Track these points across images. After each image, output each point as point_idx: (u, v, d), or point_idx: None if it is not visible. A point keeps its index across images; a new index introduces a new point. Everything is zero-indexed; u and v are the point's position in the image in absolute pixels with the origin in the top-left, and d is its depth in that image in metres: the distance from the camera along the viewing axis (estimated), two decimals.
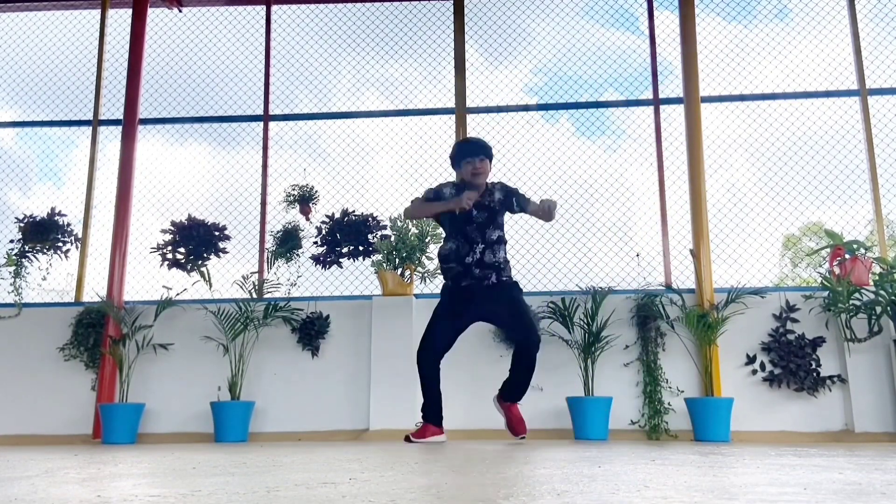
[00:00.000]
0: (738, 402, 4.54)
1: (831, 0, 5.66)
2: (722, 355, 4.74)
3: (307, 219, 5.40)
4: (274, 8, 6.06)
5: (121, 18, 6.08)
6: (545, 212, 3.78)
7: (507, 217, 4.07)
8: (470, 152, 3.97)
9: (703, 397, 4.64)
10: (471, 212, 3.88)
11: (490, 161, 4.00)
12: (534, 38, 5.95)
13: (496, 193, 3.99)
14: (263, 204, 5.63)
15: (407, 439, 3.88)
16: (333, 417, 4.91)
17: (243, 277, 5.13)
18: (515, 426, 3.95)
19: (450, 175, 5.53)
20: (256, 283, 5.22)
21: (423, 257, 5.03)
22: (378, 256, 5.09)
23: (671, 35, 5.65)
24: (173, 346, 5.04)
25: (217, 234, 5.19)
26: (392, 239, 5.05)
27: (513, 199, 3.98)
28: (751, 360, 4.77)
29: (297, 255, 5.31)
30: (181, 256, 5.12)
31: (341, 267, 5.25)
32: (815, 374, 4.65)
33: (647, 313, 4.82)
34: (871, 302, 4.55)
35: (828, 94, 5.45)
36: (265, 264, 5.39)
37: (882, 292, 4.51)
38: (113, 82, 5.96)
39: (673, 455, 2.60)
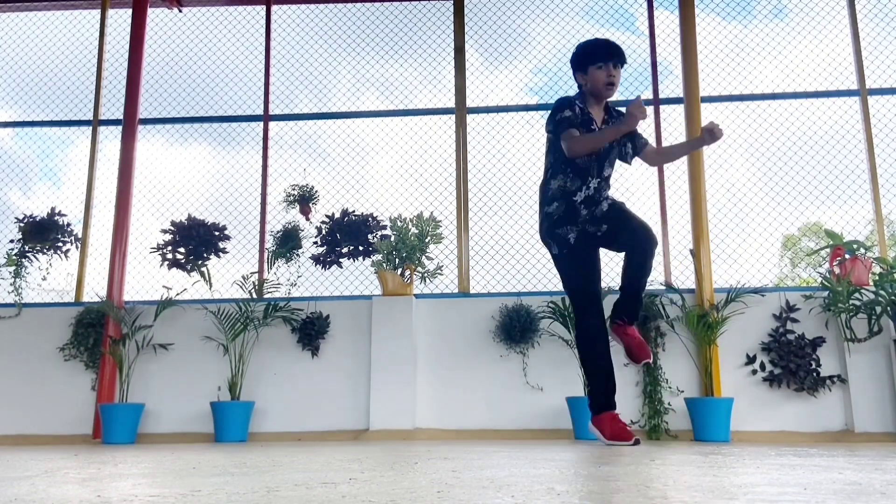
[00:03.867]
0: (738, 402, 4.54)
1: None
2: (722, 355, 4.74)
3: (307, 219, 5.41)
4: (274, 8, 6.06)
5: (121, 18, 6.08)
6: (683, 148, 3.29)
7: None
8: (606, 54, 3.26)
9: (703, 397, 4.64)
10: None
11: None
12: (534, 38, 5.95)
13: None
14: (263, 204, 5.63)
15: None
16: (333, 417, 4.91)
17: (243, 277, 5.13)
18: (637, 351, 3.32)
19: (449, 178, 5.54)
20: (256, 283, 5.22)
21: (423, 257, 5.03)
22: (378, 256, 5.09)
23: (671, 35, 5.65)
24: (173, 346, 5.04)
25: (217, 234, 5.19)
26: (392, 239, 5.05)
27: (629, 142, 3.38)
28: (751, 360, 4.77)
29: (297, 255, 5.32)
30: (181, 256, 5.12)
31: (341, 267, 5.26)
32: (815, 374, 4.65)
33: (647, 313, 4.81)
34: (871, 302, 4.55)
35: (828, 94, 5.45)
36: (265, 264, 5.39)
37: (882, 292, 4.51)
38: (113, 82, 5.97)
39: (673, 455, 2.60)
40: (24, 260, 5.30)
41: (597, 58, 3.28)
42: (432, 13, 5.99)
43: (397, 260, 5.02)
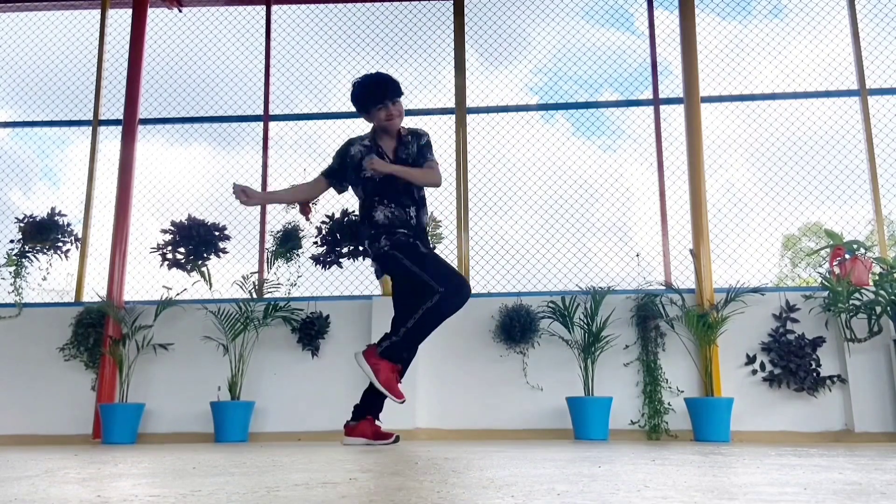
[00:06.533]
0: (738, 402, 4.55)
1: None
2: (722, 355, 4.74)
3: (307, 219, 5.39)
4: (274, 8, 6.06)
5: (121, 18, 6.08)
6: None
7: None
8: (381, 95, 3.44)
9: (703, 397, 4.64)
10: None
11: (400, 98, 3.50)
12: (533, 39, 5.95)
13: (412, 145, 3.53)
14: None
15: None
16: (333, 417, 4.89)
17: (243, 277, 5.13)
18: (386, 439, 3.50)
19: (449, 177, 5.54)
20: (256, 283, 5.22)
21: None
22: None
23: (671, 35, 5.65)
24: (173, 346, 5.04)
25: (217, 234, 5.18)
26: None
27: (420, 159, 3.53)
28: (751, 360, 4.77)
29: (297, 255, 5.31)
30: (181, 256, 5.11)
31: (341, 267, 5.25)
32: (815, 374, 4.65)
33: (647, 313, 4.82)
34: (871, 302, 4.55)
35: (828, 94, 5.45)
36: (265, 264, 5.39)
37: (882, 292, 4.51)
38: (113, 82, 5.97)
39: (673, 455, 2.60)
40: (24, 260, 5.30)
41: (374, 100, 3.44)
42: (432, 13, 5.99)
43: None
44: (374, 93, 3.45)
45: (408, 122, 5.78)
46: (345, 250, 5.19)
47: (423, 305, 3.26)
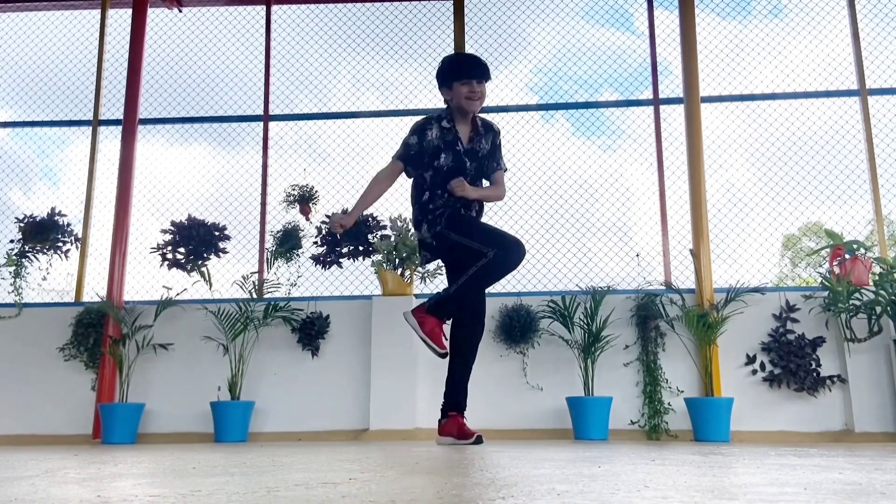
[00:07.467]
0: (738, 402, 4.54)
1: None
2: (722, 355, 4.74)
3: (307, 219, 5.40)
4: (274, 8, 6.06)
5: (121, 18, 6.08)
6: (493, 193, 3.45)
7: None
8: (468, 71, 3.34)
9: (703, 397, 4.64)
10: (463, 161, 3.37)
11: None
12: (534, 39, 5.95)
13: (485, 140, 3.46)
14: (263, 204, 5.63)
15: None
16: (333, 417, 4.91)
17: (243, 277, 5.13)
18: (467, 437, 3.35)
19: None
20: (256, 283, 5.22)
21: None
22: (378, 256, 5.09)
23: (671, 35, 5.65)
24: (173, 346, 5.04)
25: (217, 234, 5.19)
26: (392, 239, 5.05)
27: (492, 160, 3.48)
28: (751, 360, 4.77)
29: (297, 255, 5.31)
30: (181, 256, 5.12)
31: (341, 267, 5.25)
32: (815, 374, 4.65)
33: (647, 313, 4.82)
34: (871, 302, 4.55)
35: (828, 94, 5.45)
36: (265, 264, 5.39)
37: (882, 292, 4.51)
38: (113, 82, 5.97)
39: (673, 455, 2.59)
40: (24, 260, 5.30)
41: (461, 74, 3.33)
42: (432, 13, 5.99)
43: (397, 260, 5.01)
44: (465, 67, 3.37)
45: (407, 122, 5.80)
46: (345, 250, 5.20)
47: (474, 265, 3.19)
